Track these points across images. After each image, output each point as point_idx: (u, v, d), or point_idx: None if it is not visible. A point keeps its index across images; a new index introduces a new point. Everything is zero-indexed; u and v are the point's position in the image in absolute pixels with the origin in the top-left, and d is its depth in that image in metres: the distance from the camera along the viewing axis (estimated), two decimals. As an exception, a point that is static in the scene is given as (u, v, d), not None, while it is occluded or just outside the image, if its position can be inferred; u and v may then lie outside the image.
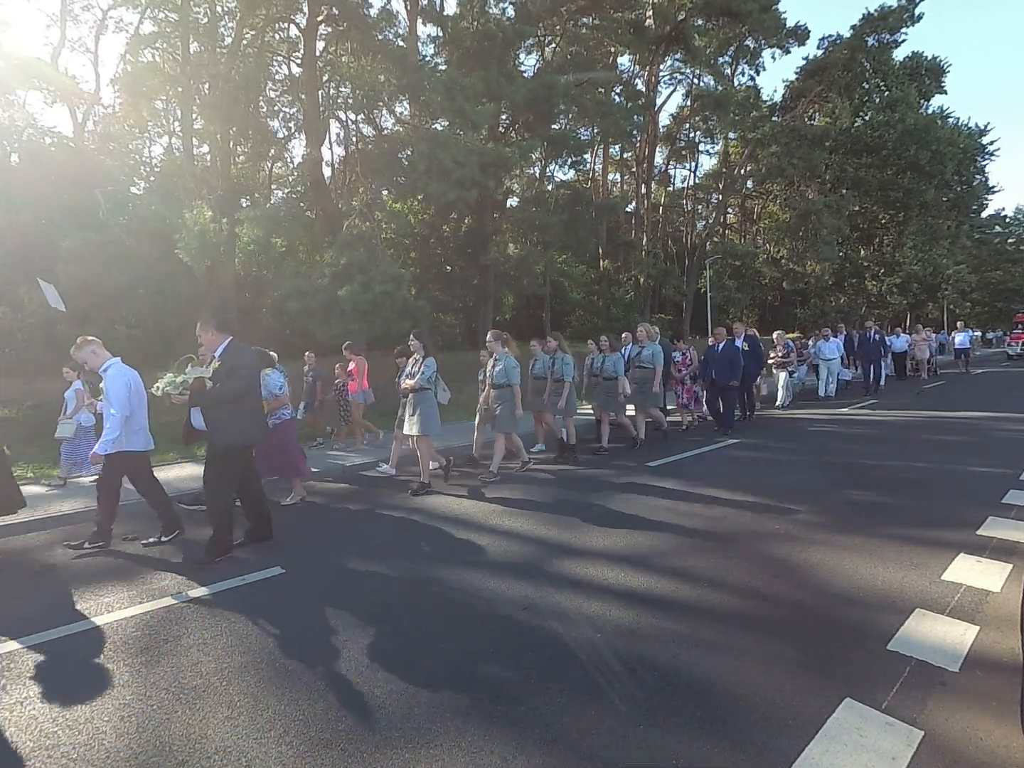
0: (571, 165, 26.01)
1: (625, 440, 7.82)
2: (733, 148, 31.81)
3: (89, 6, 18.61)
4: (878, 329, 14.18)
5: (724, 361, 8.60)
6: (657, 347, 8.05)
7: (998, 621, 2.80)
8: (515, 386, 6.39)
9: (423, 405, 5.89)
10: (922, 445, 7.41)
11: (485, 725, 2.17)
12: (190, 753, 2.09)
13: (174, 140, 21.75)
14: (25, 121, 16.45)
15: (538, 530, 4.52)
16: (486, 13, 18.53)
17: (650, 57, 25.72)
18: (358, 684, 2.47)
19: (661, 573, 3.54)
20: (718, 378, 8.62)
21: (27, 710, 2.41)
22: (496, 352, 6.55)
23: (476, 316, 21.07)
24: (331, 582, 3.63)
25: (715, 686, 2.36)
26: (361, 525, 4.90)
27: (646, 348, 8.07)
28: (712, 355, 8.81)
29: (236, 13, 16.79)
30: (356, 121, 21.12)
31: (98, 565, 4.16)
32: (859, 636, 2.71)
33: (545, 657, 2.62)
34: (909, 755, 1.94)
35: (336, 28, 17.34)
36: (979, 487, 5.22)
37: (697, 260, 29.27)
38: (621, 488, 5.71)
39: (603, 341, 7.85)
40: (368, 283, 12.91)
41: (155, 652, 2.85)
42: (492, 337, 6.66)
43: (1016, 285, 45.73)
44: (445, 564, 3.87)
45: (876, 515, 4.54)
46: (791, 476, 5.99)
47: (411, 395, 5.95)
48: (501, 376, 6.42)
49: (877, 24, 28.96)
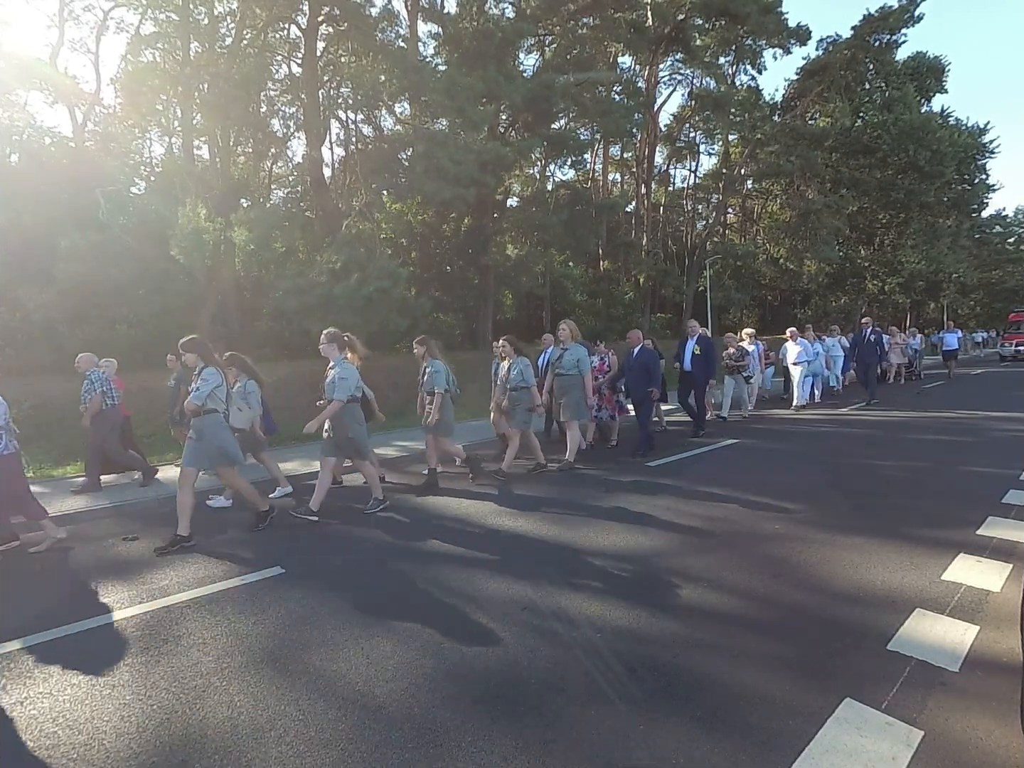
0: (571, 165, 25.99)
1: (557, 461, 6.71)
2: (733, 148, 31.80)
3: (90, 7, 18.59)
4: (875, 328, 12.43)
5: (639, 369, 7.29)
6: (582, 350, 6.79)
7: (998, 621, 2.79)
8: (532, 387, 6.49)
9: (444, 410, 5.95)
10: (922, 445, 7.41)
11: (485, 725, 2.17)
12: (190, 753, 2.09)
13: (174, 140, 21.74)
14: (25, 121, 16.43)
15: (538, 530, 4.52)
16: (485, 13, 18.55)
17: (650, 57, 25.73)
18: (358, 684, 2.47)
19: (661, 573, 3.54)
20: (631, 389, 7.46)
21: (27, 710, 2.41)
22: (511, 357, 6.59)
23: (476, 316, 21.06)
24: (331, 582, 3.63)
25: (715, 686, 2.36)
26: (361, 525, 4.90)
27: (568, 351, 6.77)
28: (627, 362, 7.56)
29: (236, 13, 16.80)
30: (356, 121, 21.15)
31: (98, 565, 4.16)
32: (859, 636, 2.71)
33: (545, 657, 2.62)
34: (909, 755, 1.94)
35: (337, 28, 17.35)
36: (979, 487, 5.22)
37: (697, 260, 29.26)
38: (621, 488, 5.71)
39: (500, 346, 6.73)
40: (364, 279, 12.95)
41: (155, 652, 2.85)
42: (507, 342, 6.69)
43: (1015, 285, 45.71)
44: (445, 564, 3.87)
45: (876, 515, 4.54)
46: (791, 476, 5.99)
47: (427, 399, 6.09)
48: (519, 379, 6.45)
49: (877, 24, 28.98)
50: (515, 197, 25.22)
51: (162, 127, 21.57)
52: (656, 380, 7.30)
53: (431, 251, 21.92)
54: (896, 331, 16.71)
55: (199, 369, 4.61)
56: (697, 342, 8.67)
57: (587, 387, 6.71)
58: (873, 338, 12.01)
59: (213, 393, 4.52)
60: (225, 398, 4.69)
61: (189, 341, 4.71)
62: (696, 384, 8.62)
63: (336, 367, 5.15)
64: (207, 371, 4.55)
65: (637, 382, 7.27)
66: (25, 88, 17.37)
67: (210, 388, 4.49)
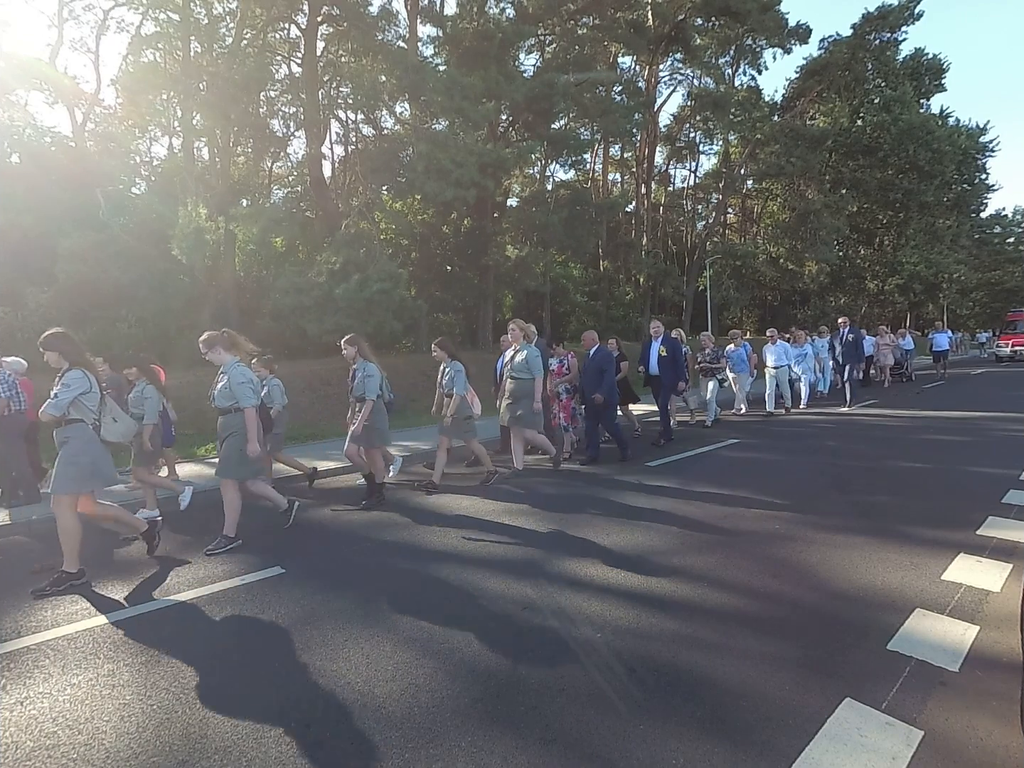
0: (571, 165, 25.99)
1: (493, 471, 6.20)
2: (733, 148, 31.82)
3: (90, 6, 18.62)
4: (853, 327, 11.77)
5: (594, 372, 6.84)
6: (534, 351, 6.37)
7: (998, 621, 2.80)
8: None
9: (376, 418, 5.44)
10: (922, 445, 7.41)
11: (485, 725, 2.17)
12: (190, 753, 2.09)
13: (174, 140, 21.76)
14: (25, 121, 16.44)
15: (538, 530, 4.52)
16: (485, 13, 18.54)
17: (650, 57, 25.73)
18: (358, 684, 2.47)
19: (661, 573, 3.54)
20: (586, 394, 6.95)
21: (27, 710, 2.41)
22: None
23: (476, 316, 21.07)
24: (331, 582, 3.63)
25: (715, 686, 2.36)
26: (361, 525, 4.90)
27: (520, 352, 6.35)
28: (584, 365, 7.08)
29: (236, 13, 16.81)
30: (356, 121, 21.17)
31: (97, 565, 4.16)
32: (859, 636, 2.71)
33: (545, 657, 2.62)
34: (909, 755, 1.94)
35: (336, 28, 17.38)
36: (979, 487, 5.22)
37: (697, 260, 29.29)
38: (621, 488, 5.71)
39: (433, 349, 6.09)
40: (365, 280, 12.96)
41: (155, 652, 2.85)
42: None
43: (1015, 285, 45.67)
44: (445, 564, 3.87)
45: (876, 515, 4.54)
46: (791, 476, 5.99)
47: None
48: (449, 385, 5.91)
49: (877, 23, 29.00)
50: (515, 197, 25.25)
51: (162, 127, 21.60)
52: (606, 384, 6.75)
53: (431, 251, 21.91)
54: (885, 331, 16.08)
55: (62, 371, 3.79)
56: (663, 344, 8.14)
57: (536, 391, 6.21)
58: (851, 338, 11.42)
59: (78, 401, 3.76)
60: (97, 406, 3.89)
61: (50, 336, 3.83)
62: (663, 389, 8.06)
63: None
64: (70, 374, 3.75)
65: (592, 386, 6.82)
66: (25, 88, 17.39)
67: (72, 395, 3.71)
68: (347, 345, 5.44)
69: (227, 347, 4.45)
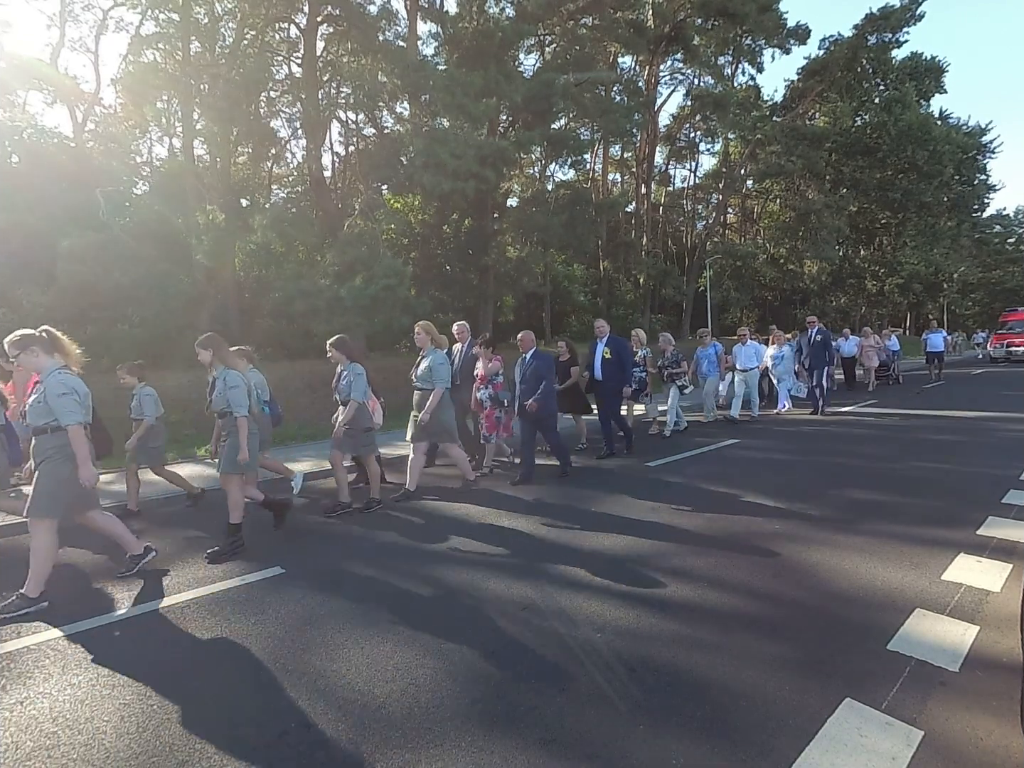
0: (571, 165, 26.01)
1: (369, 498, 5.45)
2: (733, 148, 31.84)
3: (90, 6, 18.64)
4: (821, 328, 10.90)
5: (532, 379, 6.16)
6: (440, 357, 5.69)
7: (998, 621, 2.80)
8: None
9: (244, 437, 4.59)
10: (922, 445, 7.41)
11: (485, 725, 2.17)
12: (190, 753, 2.09)
13: (175, 140, 21.77)
14: (26, 121, 16.46)
15: (538, 530, 4.52)
16: (485, 12, 18.54)
17: (650, 57, 25.76)
18: (358, 684, 2.47)
19: (661, 573, 3.54)
20: (521, 400, 6.24)
21: (27, 710, 2.41)
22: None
23: (476, 316, 21.04)
24: (331, 582, 3.63)
25: (715, 686, 2.36)
26: (361, 525, 4.90)
27: (424, 359, 5.70)
28: (519, 371, 6.38)
29: (236, 13, 16.81)
30: (357, 121, 21.17)
31: (97, 565, 4.16)
32: (859, 636, 2.71)
33: (545, 657, 2.62)
34: (909, 755, 1.94)
35: (336, 28, 17.38)
36: (979, 487, 5.22)
37: (697, 260, 29.31)
38: (621, 488, 5.71)
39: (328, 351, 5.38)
40: (370, 278, 12.96)
41: (155, 652, 2.85)
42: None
43: (1015, 285, 45.69)
44: (445, 564, 3.87)
45: (876, 515, 4.54)
46: (791, 476, 5.99)
47: None
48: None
49: (879, 23, 29.04)
50: (515, 197, 25.23)
51: (162, 127, 21.61)
52: (543, 392, 6.06)
53: (431, 251, 21.92)
54: (870, 332, 15.30)
55: None
56: (607, 344, 7.24)
57: (433, 400, 5.48)
58: (820, 339, 10.61)
59: None
60: None
61: None
62: (605, 395, 7.20)
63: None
64: None
65: (528, 394, 6.12)
66: (25, 88, 17.41)
67: None
68: (201, 349, 4.37)
69: (47, 350, 3.58)
